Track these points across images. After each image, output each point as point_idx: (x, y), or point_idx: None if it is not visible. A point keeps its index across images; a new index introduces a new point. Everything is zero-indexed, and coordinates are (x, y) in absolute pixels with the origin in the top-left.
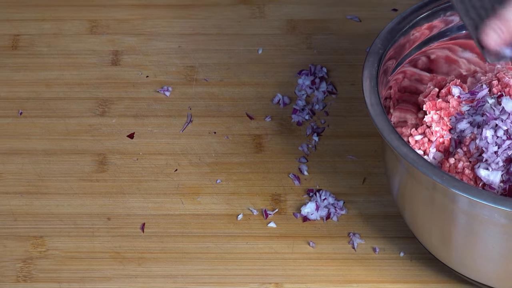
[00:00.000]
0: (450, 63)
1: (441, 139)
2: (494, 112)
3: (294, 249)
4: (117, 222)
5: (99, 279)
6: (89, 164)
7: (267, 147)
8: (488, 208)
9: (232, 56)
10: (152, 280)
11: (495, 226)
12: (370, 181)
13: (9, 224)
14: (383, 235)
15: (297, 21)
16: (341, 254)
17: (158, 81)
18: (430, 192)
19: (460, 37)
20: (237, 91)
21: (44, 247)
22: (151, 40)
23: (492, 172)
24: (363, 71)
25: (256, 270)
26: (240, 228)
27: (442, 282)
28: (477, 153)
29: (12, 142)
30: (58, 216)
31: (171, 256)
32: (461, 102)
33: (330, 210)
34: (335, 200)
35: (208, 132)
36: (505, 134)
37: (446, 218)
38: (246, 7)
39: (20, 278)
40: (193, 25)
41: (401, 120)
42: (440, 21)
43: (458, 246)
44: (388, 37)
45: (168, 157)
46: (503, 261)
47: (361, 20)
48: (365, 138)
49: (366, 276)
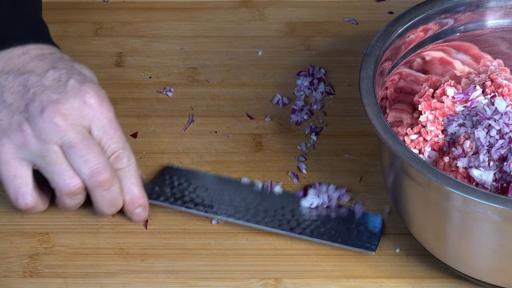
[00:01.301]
0: (444, 65)
1: (436, 138)
2: (487, 112)
3: (293, 245)
4: (121, 219)
5: (103, 275)
6: None
7: (267, 146)
8: (481, 206)
9: (233, 58)
10: (155, 275)
11: (488, 223)
12: (367, 179)
13: (16, 221)
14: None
15: (296, 24)
16: (338, 250)
17: (160, 82)
18: (425, 190)
19: (454, 39)
20: (238, 92)
21: (50, 243)
22: (154, 42)
23: (485, 172)
24: (360, 72)
25: (256, 265)
26: (240, 224)
27: (437, 278)
28: (471, 151)
29: None
30: (63, 213)
31: (174, 252)
32: (455, 102)
33: (332, 197)
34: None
35: (209, 132)
36: (498, 133)
37: (441, 216)
38: (247, 10)
39: (27, 274)
40: (195, 27)
41: (397, 120)
42: (435, 23)
43: (453, 243)
44: (384, 39)
45: (170, 155)
46: (496, 257)
47: (358, 23)
48: (362, 138)
49: (363, 272)
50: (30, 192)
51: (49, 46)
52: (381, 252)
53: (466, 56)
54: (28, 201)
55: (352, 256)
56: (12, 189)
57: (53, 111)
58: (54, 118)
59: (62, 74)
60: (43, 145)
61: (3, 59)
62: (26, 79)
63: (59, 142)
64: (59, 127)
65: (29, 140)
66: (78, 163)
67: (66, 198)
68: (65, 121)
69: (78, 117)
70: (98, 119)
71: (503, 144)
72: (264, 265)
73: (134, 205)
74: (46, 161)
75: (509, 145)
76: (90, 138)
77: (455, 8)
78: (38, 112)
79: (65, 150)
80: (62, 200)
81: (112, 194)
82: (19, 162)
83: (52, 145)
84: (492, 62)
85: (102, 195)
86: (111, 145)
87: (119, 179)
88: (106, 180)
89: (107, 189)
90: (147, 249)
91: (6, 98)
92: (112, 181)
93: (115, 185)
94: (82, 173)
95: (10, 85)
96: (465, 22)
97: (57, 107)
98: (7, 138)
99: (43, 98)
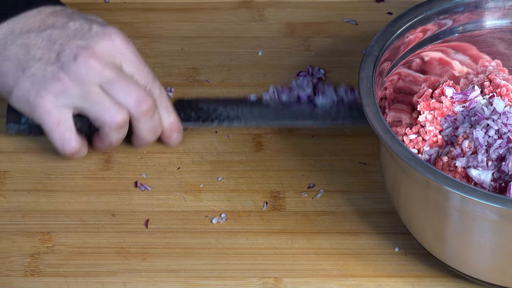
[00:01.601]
0: (443, 65)
1: (435, 138)
2: (485, 112)
3: (292, 244)
4: (122, 219)
5: (104, 274)
6: (95, 162)
7: (267, 146)
8: (480, 205)
9: (233, 58)
10: (156, 274)
11: (486, 222)
12: (366, 178)
13: (18, 221)
14: (379, 231)
15: (296, 24)
16: (338, 250)
17: (161, 82)
18: (424, 189)
19: (453, 39)
20: (238, 92)
21: (51, 242)
22: (155, 43)
23: (483, 172)
24: (360, 73)
25: (256, 264)
26: (240, 224)
27: (435, 277)
28: (470, 151)
29: (20, 141)
30: (64, 213)
31: (174, 251)
32: (454, 102)
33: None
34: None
35: (210, 131)
36: (496, 133)
37: (440, 215)
38: (247, 11)
39: (28, 273)
40: (195, 28)
41: (396, 120)
42: (434, 24)
43: (451, 242)
44: (383, 39)
45: (171, 155)
46: (495, 256)
47: (358, 23)
48: (361, 137)
49: (363, 271)
50: (74, 137)
51: (59, 5)
52: (380, 251)
53: (464, 57)
54: (73, 145)
55: (351, 255)
56: (57, 136)
57: (86, 56)
58: (88, 62)
59: (82, 24)
60: (83, 87)
61: (20, 21)
62: (49, 33)
63: (98, 82)
64: (95, 68)
65: (67, 87)
66: (122, 96)
67: (113, 133)
68: (99, 62)
69: (109, 56)
70: (127, 56)
71: (502, 144)
72: (264, 264)
73: (172, 131)
74: (89, 102)
75: (507, 145)
76: (125, 73)
77: (454, 9)
78: (71, 59)
79: (106, 88)
80: (109, 137)
81: (154, 121)
82: (60, 110)
83: (92, 87)
84: (490, 63)
85: (146, 124)
86: (142, 78)
87: None
88: (150, 107)
89: (150, 117)
90: (148, 248)
91: (34, 54)
92: (154, 109)
93: (156, 113)
94: (127, 105)
95: (34, 42)
96: (464, 23)
97: (89, 51)
98: (45, 90)
99: (72, 46)
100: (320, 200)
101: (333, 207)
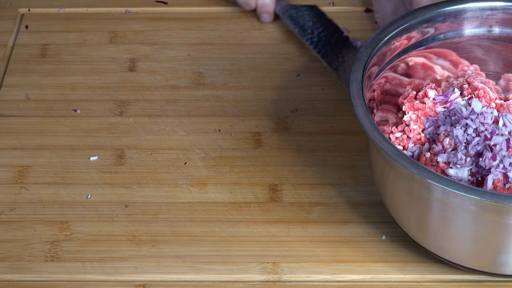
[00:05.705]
0: (426, 69)
1: (418, 136)
2: (464, 112)
3: (289, 232)
4: (134, 209)
5: (117, 259)
6: (109, 158)
7: (265, 143)
8: (459, 197)
9: (235, 63)
10: (164, 260)
11: (466, 212)
12: (356, 173)
13: (39, 211)
14: (368, 220)
15: (292, 32)
16: (330, 237)
17: (169, 85)
18: (408, 182)
19: (435, 46)
20: (239, 94)
21: (69, 231)
22: (164, 49)
23: (460, 170)
24: (350, 76)
25: (256, 251)
26: (242, 214)
27: (419, 262)
28: (450, 148)
29: (41, 138)
30: (81, 204)
31: (181, 238)
32: (436, 103)
33: None
34: None
35: (213, 130)
36: (474, 132)
37: (423, 206)
38: (247, 20)
39: (48, 258)
40: (201, 36)
41: (383, 119)
42: (417, 32)
43: (434, 230)
44: (371, 46)
45: (178, 152)
46: (473, 243)
47: (349, 31)
48: (351, 135)
49: (353, 257)
50: None
51: None
52: (369, 239)
53: (445, 62)
54: None
55: (343, 242)
56: None
57: None
58: None
59: None
60: None
61: None
62: None
63: None
64: None
65: None
66: None
67: None
68: None
69: None
70: None
71: (479, 141)
72: (263, 250)
73: (262, 9)
74: None
75: (484, 142)
76: None
77: (436, 18)
78: None
79: None
80: None
81: None
82: None
83: None
84: (469, 67)
85: None
86: None
87: None
88: None
89: None
90: (157, 236)
91: None
92: None
93: None
94: None
95: None
96: (445, 31)
97: None
98: None
99: None
100: (314, 192)
101: (326, 198)
